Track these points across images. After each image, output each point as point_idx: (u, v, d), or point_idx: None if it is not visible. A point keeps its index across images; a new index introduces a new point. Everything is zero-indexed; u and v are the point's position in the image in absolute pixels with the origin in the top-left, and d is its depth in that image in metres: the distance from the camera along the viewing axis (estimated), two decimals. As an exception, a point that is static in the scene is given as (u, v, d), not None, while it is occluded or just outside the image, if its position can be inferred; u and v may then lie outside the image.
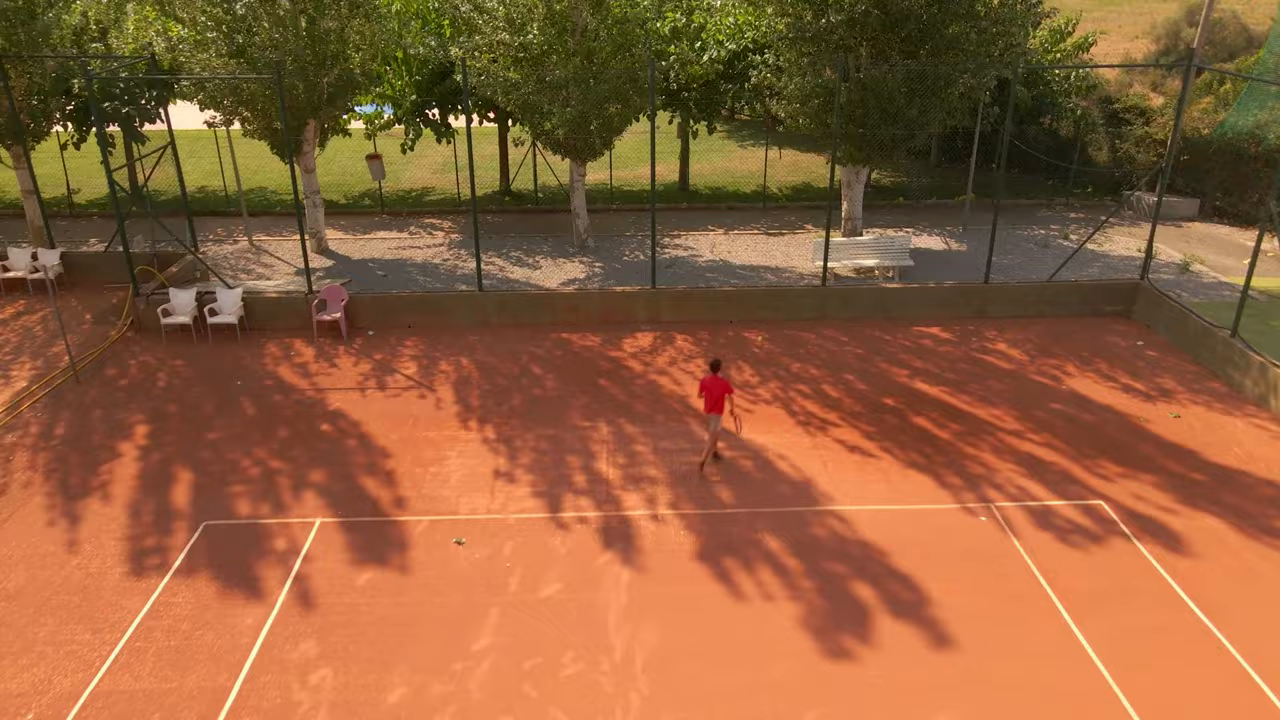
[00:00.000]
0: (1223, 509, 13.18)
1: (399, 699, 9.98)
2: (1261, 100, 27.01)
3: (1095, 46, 28.50)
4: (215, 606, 11.41)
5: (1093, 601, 11.34)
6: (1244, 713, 9.70)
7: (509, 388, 16.91)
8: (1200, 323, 17.59)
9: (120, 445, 15.09)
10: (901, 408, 16.11)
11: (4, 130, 21.59)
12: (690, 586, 11.70)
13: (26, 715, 9.85)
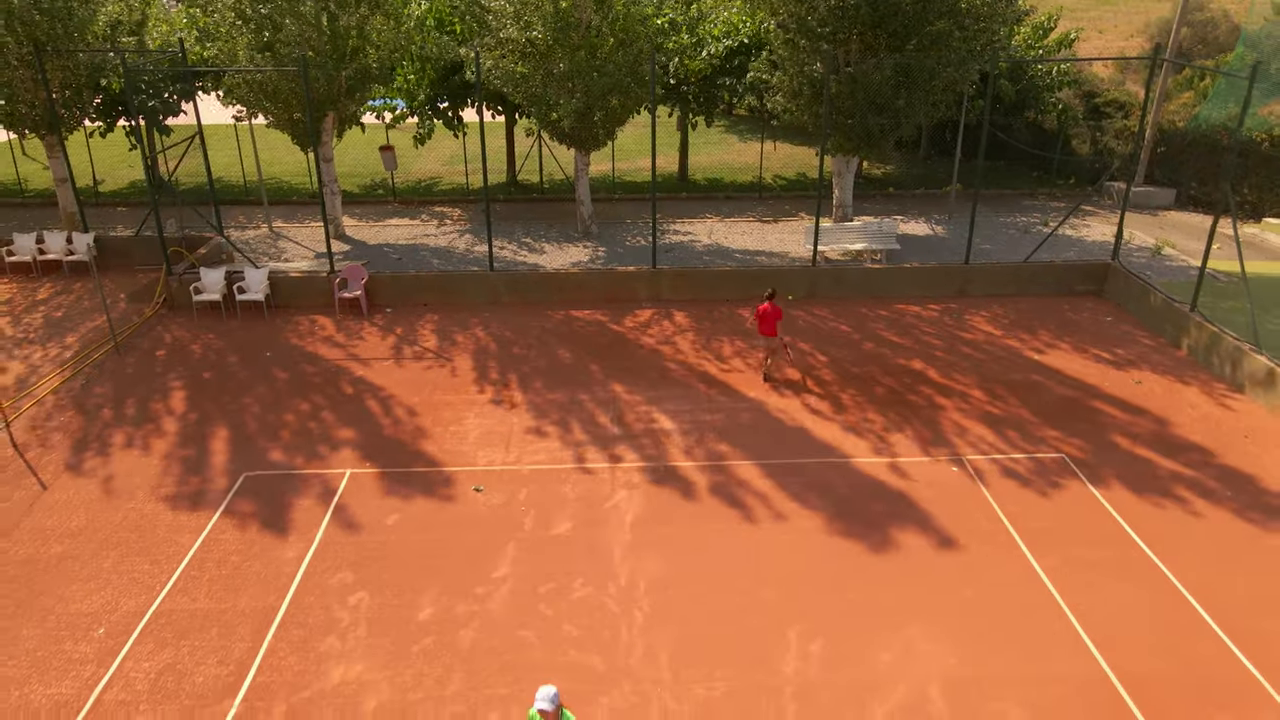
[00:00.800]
0: (1171, 458, 14.45)
1: (429, 616, 11.24)
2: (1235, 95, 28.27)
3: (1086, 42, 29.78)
4: (259, 542, 12.67)
5: (1049, 538, 12.60)
6: (1178, 626, 10.95)
7: (521, 357, 18.18)
8: (1163, 298, 18.86)
9: (162, 407, 16.36)
10: (883, 375, 17.38)
11: (40, 120, 22.85)
12: (689, 526, 12.95)
13: (99, 629, 11.10)
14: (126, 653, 10.71)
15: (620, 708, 9.90)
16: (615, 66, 21.53)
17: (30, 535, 12.83)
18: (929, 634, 10.88)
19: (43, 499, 13.68)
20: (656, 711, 9.85)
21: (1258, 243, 24.66)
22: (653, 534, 12.77)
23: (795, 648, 10.70)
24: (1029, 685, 10.13)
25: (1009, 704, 9.89)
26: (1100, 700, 9.94)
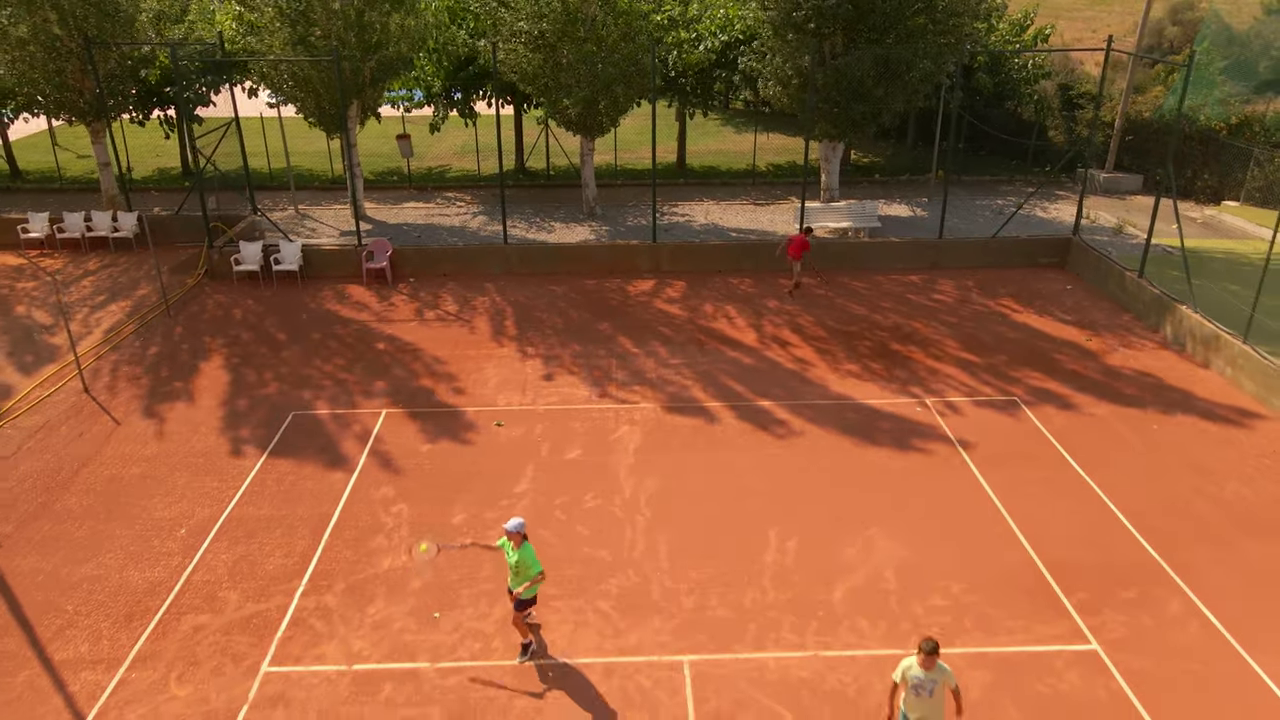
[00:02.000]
0: (1110, 399, 16.37)
1: (461, 520, 13.14)
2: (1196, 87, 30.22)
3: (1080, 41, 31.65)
4: (311, 465, 14.58)
5: (996, 461, 14.50)
6: (1098, 526, 12.85)
7: (534, 318, 20.09)
8: (1116, 268, 20.77)
9: (212, 360, 18.27)
10: (862, 332, 19.30)
11: (87, 109, 24.73)
12: (684, 453, 14.86)
13: (180, 530, 13.01)
14: (206, 548, 12.62)
15: (627, 587, 11.81)
16: (619, 58, 23.41)
17: (111, 460, 14.74)
18: (887, 533, 12.79)
19: (117, 432, 15.59)
20: (656, 589, 11.76)
21: (1215, 223, 26.53)
22: (652, 459, 14.68)
23: (774, 544, 12.61)
24: (968, 569, 12.04)
25: (950, 582, 11.80)
26: (1026, 580, 11.84)
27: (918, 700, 8.43)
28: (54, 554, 12.52)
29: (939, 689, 8.32)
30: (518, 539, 10.00)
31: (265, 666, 10.55)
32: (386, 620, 11.27)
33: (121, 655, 10.74)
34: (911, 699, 8.47)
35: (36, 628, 11.18)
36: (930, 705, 8.40)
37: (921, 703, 8.41)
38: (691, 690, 10.17)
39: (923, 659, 8.29)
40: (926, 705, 8.41)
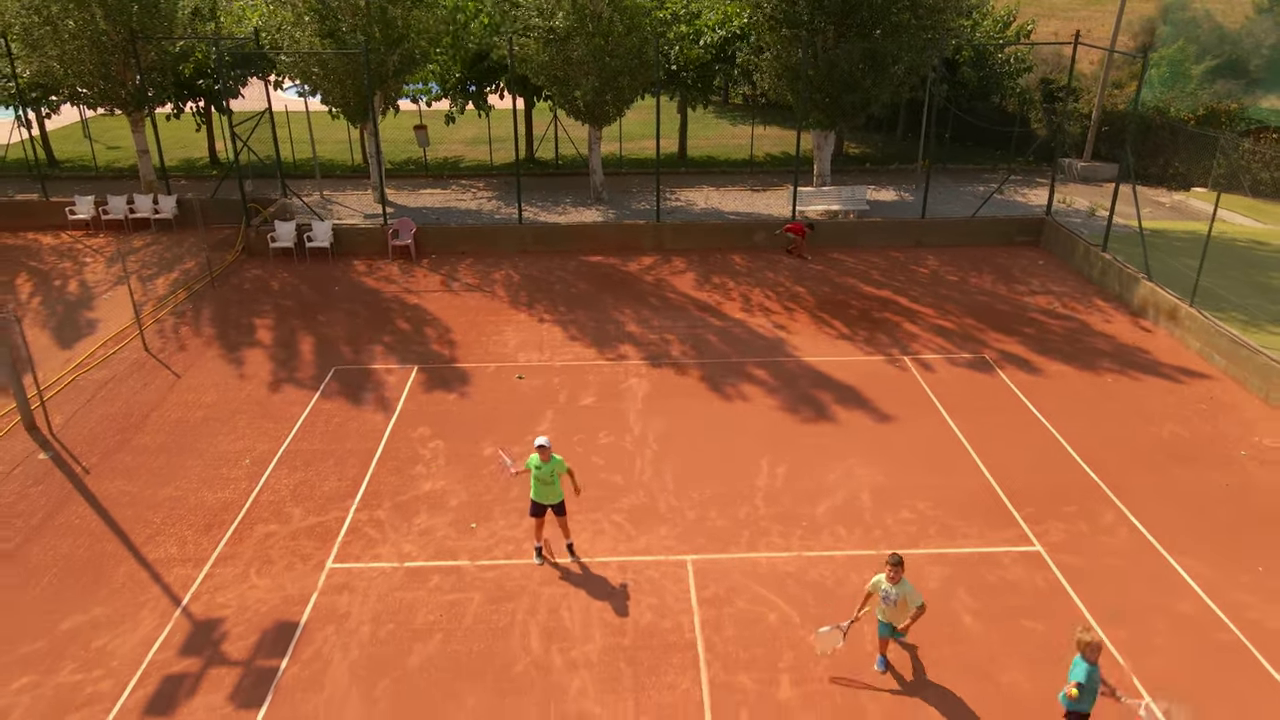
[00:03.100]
0: (1071, 358, 18.19)
1: (491, 452, 14.95)
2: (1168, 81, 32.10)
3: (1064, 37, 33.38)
4: (354, 409, 16.39)
5: (965, 408, 16.31)
6: (1050, 458, 14.66)
7: (549, 289, 21.91)
8: (1083, 244, 22.59)
9: (256, 324, 20.08)
10: (848, 300, 21.11)
11: (129, 100, 26.52)
12: (686, 400, 16.67)
13: (245, 461, 14.82)
14: (269, 474, 14.43)
15: (637, 504, 13.62)
16: (625, 51, 25.20)
17: (176, 405, 16.56)
18: (864, 463, 14.61)
19: (179, 383, 17.41)
20: (663, 505, 13.57)
21: (1183, 208, 28.33)
22: (658, 405, 16.50)
23: (765, 471, 14.42)
24: (935, 491, 13.85)
25: (918, 501, 13.62)
26: (984, 500, 13.66)
27: (885, 607, 10.06)
28: (137, 479, 14.33)
29: (901, 600, 9.82)
30: (546, 453, 11.77)
31: (330, 564, 12.37)
32: (430, 529, 13.08)
33: (205, 555, 12.55)
34: (881, 606, 10.11)
35: (130, 535, 12.99)
36: (896, 612, 9.98)
37: (889, 609, 10.03)
38: (694, 580, 11.98)
39: (889, 571, 9.77)
40: (893, 611, 10.01)
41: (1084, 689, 8.53)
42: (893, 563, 9.81)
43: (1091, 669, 8.58)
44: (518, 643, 10.97)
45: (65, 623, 11.33)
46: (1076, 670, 8.58)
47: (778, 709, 9.98)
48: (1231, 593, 11.68)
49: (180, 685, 10.37)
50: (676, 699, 10.13)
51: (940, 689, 10.24)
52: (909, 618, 9.94)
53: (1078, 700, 8.55)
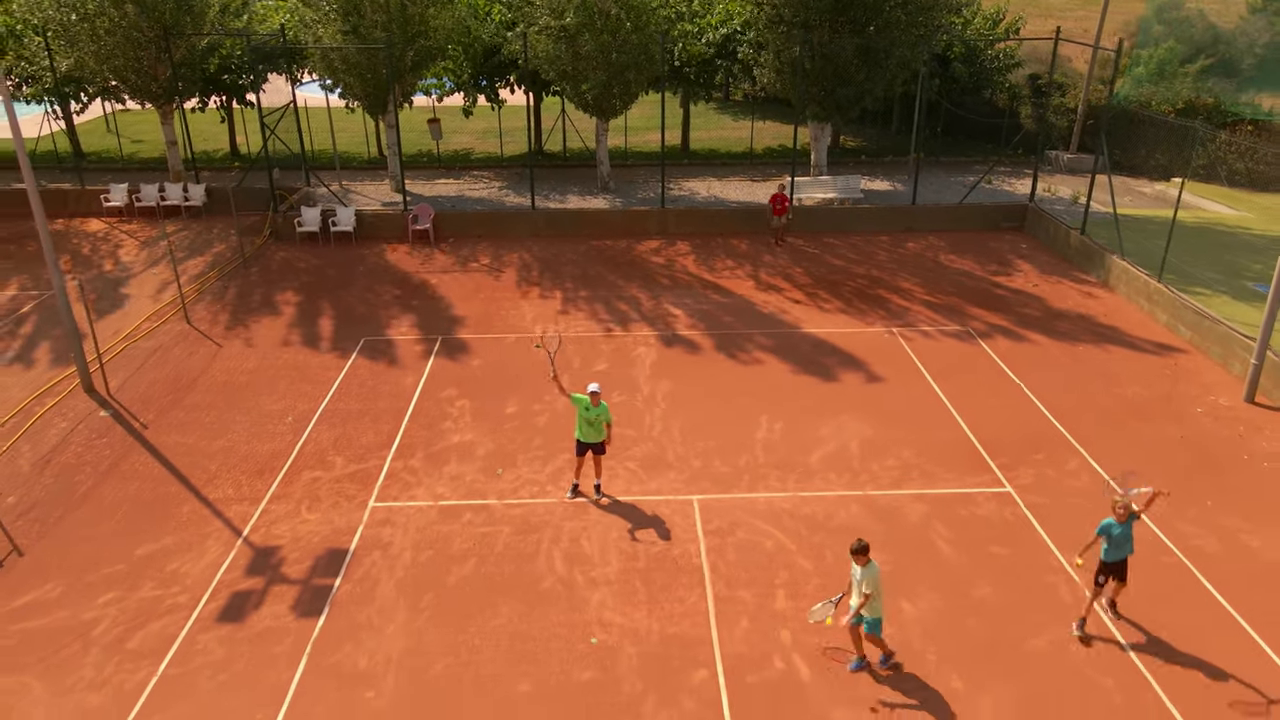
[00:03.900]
0: (1047, 329, 19.60)
1: (513, 411, 16.35)
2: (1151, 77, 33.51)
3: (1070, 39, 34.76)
4: (385, 375, 17.79)
5: (948, 372, 17.72)
6: (1022, 414, 16.05)
7: (560, 270, 23.32)
8: (1063, 227, 24.00)
9: (288, 300, 21.48)
10: (842, 280, 22.52)
11: (160, 92, 27.91)
12: (692, 367, 18.07)
13: (288, 418, 16.23)
14: (310, 429, 15.84)
15: (647, 453, 15.02)
16: (631, 48, 26.59)
17: (221, 371, 17.97)
18: (855, 419, 16.01)
19: (221, 352, 18.82)
20: (671, 455, 14.97)
21: (1163, 197, 29.69)
22: (666, 370, 17.91)
23: (764, 426, 15.83)
24: (917, 442, 15.25)
25: (902, 450, 15.02)
26: (962, 449, 15.06)
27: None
28: (191, 433, 15.74)
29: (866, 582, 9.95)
30: (596, 398, 13.15)
31: (372, 503, 13.77)
32: (460, 475, 14.48)
33: (260, 495, 13.96)
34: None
35: (190, 479, 14.40)
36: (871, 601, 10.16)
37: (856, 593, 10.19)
38: (699, 516, 13.38)
39: (856, 558, 9.84)
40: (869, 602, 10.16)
41: (1111, 542, 10.68)
42: (857, 550, 9.86)
43: (1111, 525, 10.63)
44: (543, 565, 12.37)
45: (140, 550, 12.73)
46: (1101, 527, 10.75)
47: (774, 616, 11.38)
48: (1179, 525, 13.08)
49: (247, 599, 11.78)
50: (685, 609, 11.53)
51: (919, 599, 11.63)
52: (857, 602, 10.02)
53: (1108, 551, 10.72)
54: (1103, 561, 10.87)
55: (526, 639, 11.07)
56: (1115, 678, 10.43)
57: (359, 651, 10.91)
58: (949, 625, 11.25)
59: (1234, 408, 16.30)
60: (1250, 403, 16.40)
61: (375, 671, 10.60)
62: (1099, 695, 10.19)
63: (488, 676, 10.52)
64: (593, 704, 10.13)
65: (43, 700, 10.22)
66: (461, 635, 11.13)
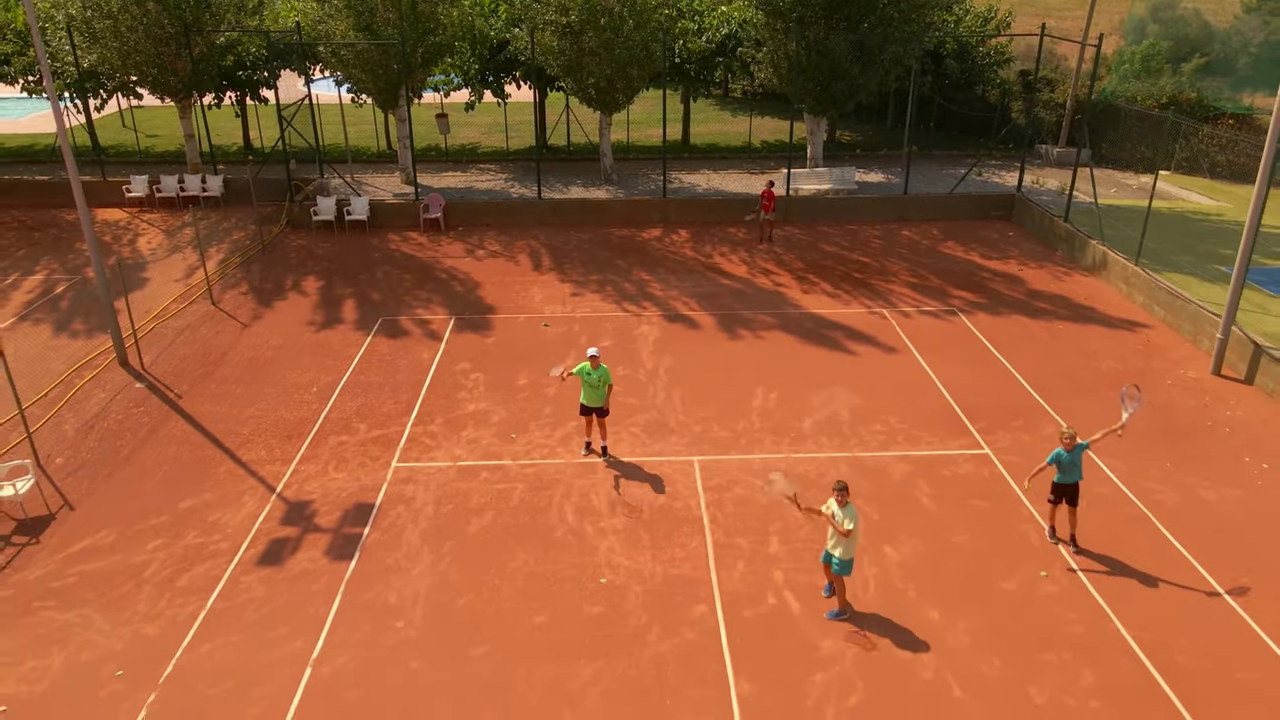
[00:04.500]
0: (1030, 309, 20.66)
1: (524, 383, 17.40)
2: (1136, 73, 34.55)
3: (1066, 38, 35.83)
4: (402, 351, 18.83)
5: (932, 348, 18.76)
6: (1001, 383, 17.10)
7: (567, 255, 24.38)
8: (1048, 215, 25.05)
9: (307, 284, 22.53)
10: (834, 266, 23.57)
11: (180, 87, 28.93)
12: (693, 343, 19.12)
13: (313, 389, 17.27)
14: (334, 399, 16.88)
15: (650, 421, 16.06)
16: (633, 44, 27.62)
17: (247, 348, 19.02)
18: (845, 389, 17.06)
19: (247, 331, 19.86)
20: (673, 421, 16.02)
21: (1148, 188, 30.67)
22: (668, 346, 18.96)
23: (760, 396, 16.87)
24: (903, 410, 16.30)
25: (889, 417, 16.07)
26: (945, 416, 16.11)
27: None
28: (223, 402, 16.79)
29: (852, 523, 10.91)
30: (596, 361, 14.20)
31: (394, 463, 14.82)
32: (477, 439, 15.53)
33: (290, 456, 15.01)
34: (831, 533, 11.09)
35: (224, 442, 15.45)
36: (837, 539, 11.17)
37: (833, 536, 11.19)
38: (699, 474, 14.43)
39: (837, 495, 10.66)
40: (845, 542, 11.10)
41: (1060, 467, 12.26)
42: (838, 488, 10.67)
43: (1061, 453, 12.17)
44: (556, 517, 13.42)
45: (183, 503, 13.78)
46: (1051, 456, 12.27)
47: (768, 560, 12.43)
48: (1142, 482, 14.13)
49: (284, 546, 12.83)
50: (686, 554, 12.58)
51: (901, 545, 12.68)
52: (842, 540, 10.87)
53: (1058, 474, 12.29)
54: (1055, 484, 12.51)
55: (541, 579, 12.11)
56: (1077, 612, 11.48)
57: (388, 590, 11.96)
58: (928, 567, 12.30)
59: (1201, 380, 17.36)
60: (1216, 375, 17.46)
61: (404, 606, 11.65)
62: (1062, 626, 11.24)
63: (507, 610, 11.57)
64: (602, 634, 11.17)
65: (104, 630, 11.27)
66: (482, 576, 12.17)
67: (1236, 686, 10.32)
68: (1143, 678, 10.45)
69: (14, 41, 32.12)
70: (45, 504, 13.79)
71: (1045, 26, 27.37)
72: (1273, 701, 10.13)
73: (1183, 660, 10.68)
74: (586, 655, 10.82)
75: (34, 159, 33.72)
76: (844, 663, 10.69)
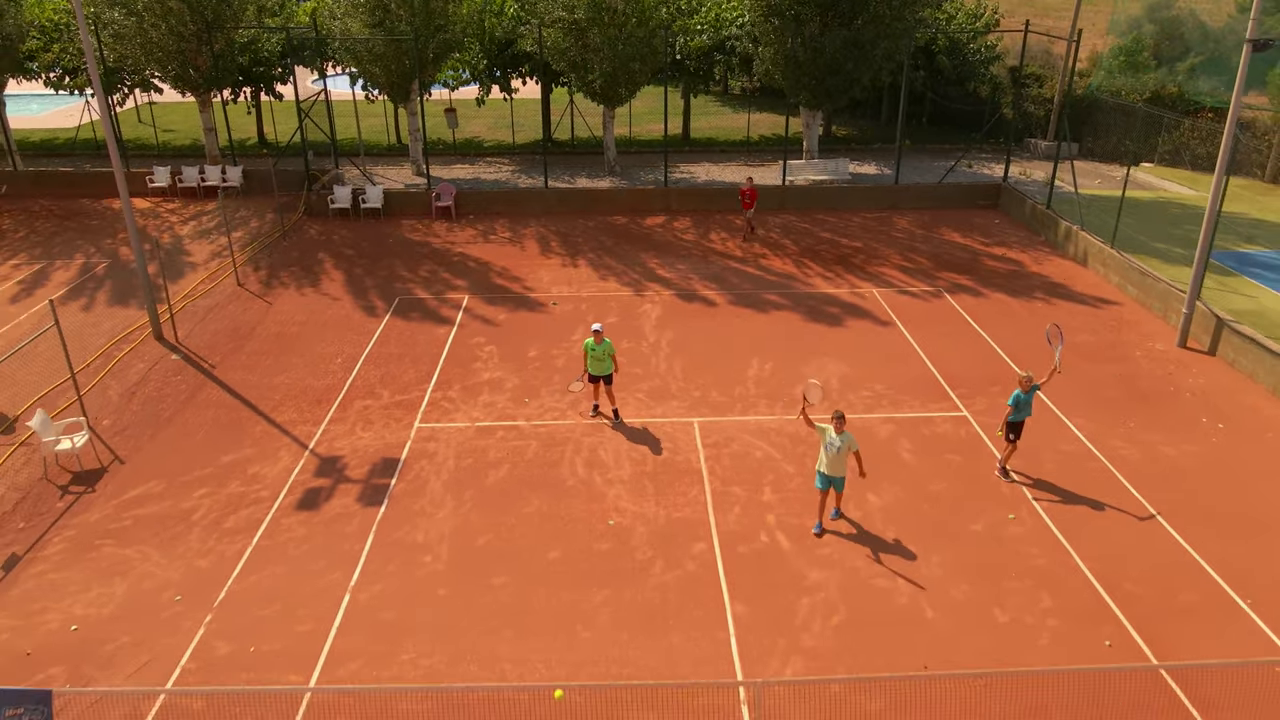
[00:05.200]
0: (1011, 289, 21.87)
1: (535, 354, 18.61)
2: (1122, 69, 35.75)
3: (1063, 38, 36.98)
4: (420, 326, 20.05)
5: (918, 323, 19.97)
6: (980, 353, 18.31)
7: (574, 241, 25.59)
8: (1030, 203, 26.26)
9: (327, 266, 23.75)
10: (828, 250, 24.78)
11: (201, 82, 30.14)
12: (693, 319, 20.32)
13: (337, 359, 18.48)
14: (358, 369, 18.09)
15: (653, 389, 17.27)
16: (636, 40, 28.84)
17: (274, 323, 20.23)
18: (835, 359, 18.28)
19: (272, 309, 21.08)
20: (674, 388, 17.23)
21: (1132, 180, 31.88)
22: (669, 321, 20.17)
23: (755, 365, 18.08)
24: (888, 377, 17.51)
25: (875, 383, 17.28)
26: (928, 383, 17.31)
27: (827, 457, 12.78)
28: (254, 371, 18.01)
29: (844, 450, 12.66)
30: (600, 336, 15.36)
31: (417, 424, 16.03)
32: (493, 403, 16.75)
33: (320, 418, 16.22)
34: (824, 456, 12.80)
35: (258, 406, 16.66)
36: (837, 461, 12.75)
37: (830, 459, 12.78)
38: (699, 433, 15.64)
39: (835, 424, 12.66)
40: (835, 461, 12.77)
41: (1017, 407, 13.68)
42: (837, 416, 12.43)
43: (1019, 394, 13.66)
44: (567, 470, 14.63)
45: (225, 458, 15.00)
46: (1011, 398, 13.77)
47: (761, 505, 13.64)
48: (1107, 440, 15.34)
49: (319, 494, 14.04)
50: (687, 500, 13.78)
51: (883, 493, 13.89)
52: (850, 464, 12.69)
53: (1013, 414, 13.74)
54: (1008, 421, 13.95)
55: (555, 521, 13.33)
56: (1040, 547, 12.69)
57: (416, 530, 13.17)
58: (907, 511, 13.51)
59: (1167, 351, 18.57)
60: (1182, 347, 18.67)
61: (430, 544, 12.86)
62: (1025, 559, 12.44)
63: (523, 547, 12.78)
64: (611, 567, 12.38)
65: (161, 563, 12.48)
66: (500, 518, 13.39)
67: (1179, 607, 11.53)
68: (1096, 601, 11.65)
69: (39, 39, 33.39)
70: (98, 458, 15.01)
71: (1029, 23, 28.57)
72: (1210, 618, 11.33)
73: (1132, 587, 11.88)
74: (597, 584, 12.03)
75: (55, 152, 34.96)
76: (828, 589, 11.90)
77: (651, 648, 10.93)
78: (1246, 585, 11.85)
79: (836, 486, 13.03)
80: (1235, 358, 17.72)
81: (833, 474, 12.80)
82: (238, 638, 11.13)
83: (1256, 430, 15.66)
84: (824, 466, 12.82)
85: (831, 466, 12.75)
